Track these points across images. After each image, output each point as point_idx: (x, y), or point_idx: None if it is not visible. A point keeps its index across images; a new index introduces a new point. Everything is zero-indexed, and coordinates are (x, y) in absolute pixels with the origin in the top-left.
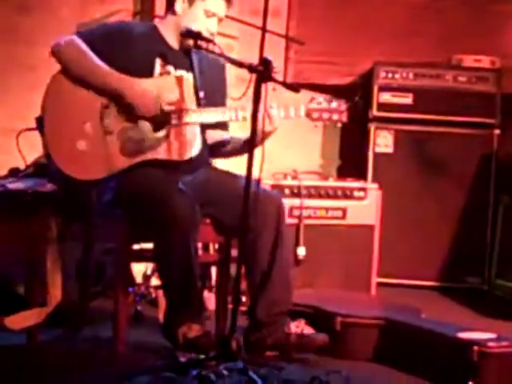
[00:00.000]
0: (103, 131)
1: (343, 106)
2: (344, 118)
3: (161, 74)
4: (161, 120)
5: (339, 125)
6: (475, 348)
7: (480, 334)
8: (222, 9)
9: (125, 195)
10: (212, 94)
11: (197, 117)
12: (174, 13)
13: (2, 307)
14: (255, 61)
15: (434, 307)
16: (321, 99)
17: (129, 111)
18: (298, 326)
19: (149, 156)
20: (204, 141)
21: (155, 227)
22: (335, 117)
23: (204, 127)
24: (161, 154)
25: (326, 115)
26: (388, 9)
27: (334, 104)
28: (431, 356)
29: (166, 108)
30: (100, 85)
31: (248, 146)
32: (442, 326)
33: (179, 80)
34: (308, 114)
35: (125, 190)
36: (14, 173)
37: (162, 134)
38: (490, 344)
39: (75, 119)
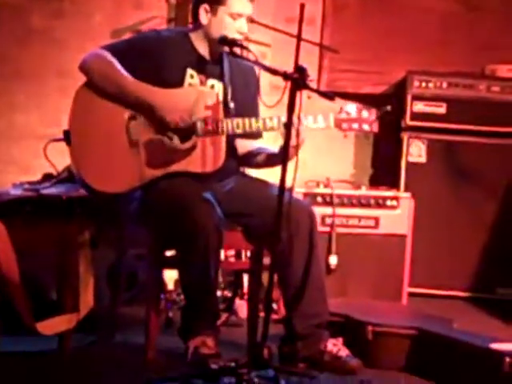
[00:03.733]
0: (129, 143)
1: (373, 116)
2: (375, 128)
3: (190, 85)
4: (188, 131)
5: (370, 135)
6: (507, 359)
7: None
8: (246, 6)
9: (149, 206)
10: (243, 103)
11: (225, 127)
12: (200, 25)
13: (34, 312)
14: (288, 68)
15: (465, 318)
16: (350, 109)
17: (157, 123)
18: (336, 345)
19: (175, 167)
20: (232, 150)
21: (177, 236)
22: (365, 127)
23: (234, 136)
24: (187, 165)
25: (355, 125)
26: (422, 18)
27: (365, 114)
28: (463, 366)
29: (195, 118)
30: (126, 97)
31: (279, 158)
32: (473, 337)
33: (209, 90)
34: (337, 125)
35: (149, 200)
36: (48, 178)
37: (188, 145)
38: None
39: (101, 132)
